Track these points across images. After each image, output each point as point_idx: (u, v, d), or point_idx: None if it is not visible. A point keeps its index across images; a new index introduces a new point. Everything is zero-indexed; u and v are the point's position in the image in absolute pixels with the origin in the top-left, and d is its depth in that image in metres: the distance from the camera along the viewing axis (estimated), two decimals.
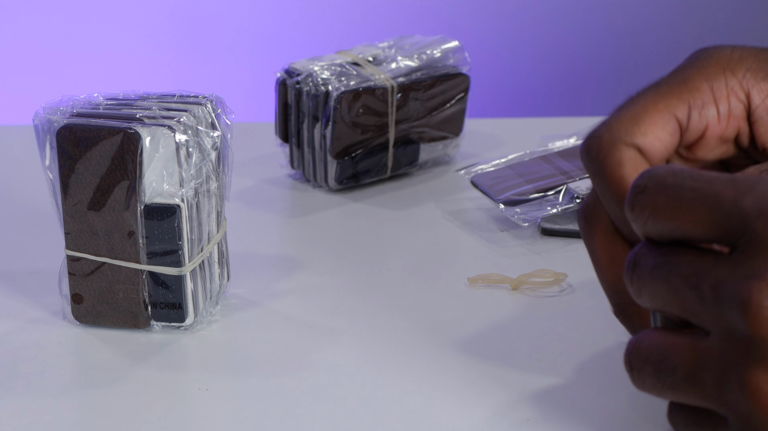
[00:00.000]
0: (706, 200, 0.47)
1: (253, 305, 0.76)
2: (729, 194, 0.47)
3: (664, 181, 0.48)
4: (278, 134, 0.97)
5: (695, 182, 0.48)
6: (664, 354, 0.49)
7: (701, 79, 0.56)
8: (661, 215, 0.48)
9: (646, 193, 0.49)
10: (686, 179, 0.48)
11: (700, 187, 0.47)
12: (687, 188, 0.47)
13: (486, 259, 0.82)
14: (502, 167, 0.92)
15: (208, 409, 0.65)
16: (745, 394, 0.46)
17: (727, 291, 0.46)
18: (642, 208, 0.49)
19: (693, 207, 0.47)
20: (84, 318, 0.72)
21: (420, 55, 0.96)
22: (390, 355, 0.69)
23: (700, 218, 0.47)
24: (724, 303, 0.46)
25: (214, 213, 0.73)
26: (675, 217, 0.48)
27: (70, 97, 0.72)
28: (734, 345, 0.46)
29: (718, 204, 0.47)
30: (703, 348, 0.48)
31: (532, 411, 0.63)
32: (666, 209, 0.48)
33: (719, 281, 0.47)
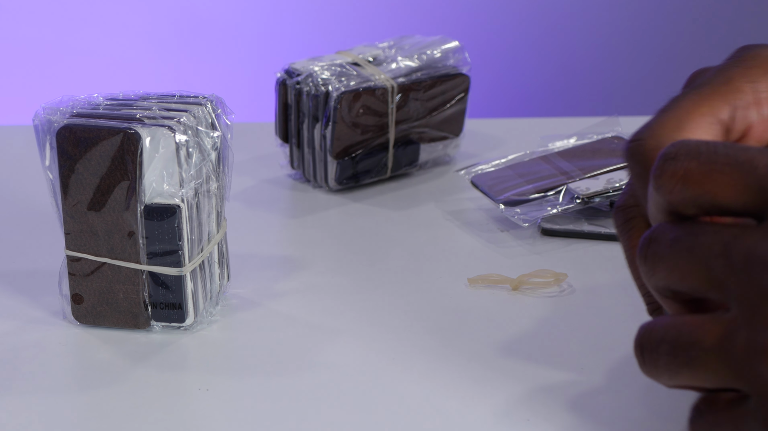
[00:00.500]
0: (741, 165, 0.46)
1: (253, 306, 0.76)
2: (764, 161, 0.46)
3: (697, 148, 0.47)
4: (278, 134, 0.97)
5: (729, 149, 0.47)
6: (682, 330, 0.48)
7: (744, 80, 0.55)
8: (692, 179, 0.47)
9: (677, 159, 0.48)
10: (719, 146, 0.47)
11: (734, 153, 0.46)
12: (721, 154, 0.47)
13: (486, 259, 0.82)
14: (502, 168, 0.92)
15: (208, 409, 0.65)
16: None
17: (758, 257, 0.45)
18: (672, 174, 0.48)
19: (726, 172, 0.46)
20: (84, 318, 0.72)
21: (420, 55, 0.96)
22: (390, 355, 0.69)
23: (733, 182, 0.46)
24: (757, 268, 0.45)
25: (214, 213, 0.73)
26: (706, 182, 0.47)
27: (70, 98, 0.72)
28: (765, 310, 0.45)
29: (752, 170, 0.46)
30: (728, 319, 0.47)
31: (532, 411, 0.63)
32: (698, 173, 0.47)
33: (752, 247, 0.45)
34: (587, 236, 0.85)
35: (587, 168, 0.89)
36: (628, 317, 0.71)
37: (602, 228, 0.85)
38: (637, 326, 0.53)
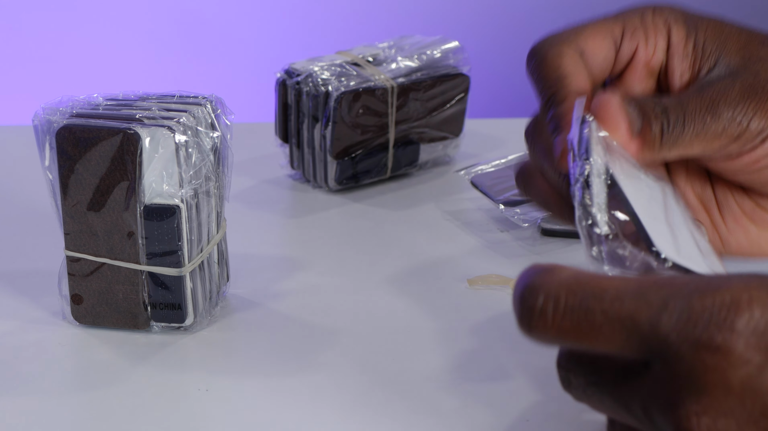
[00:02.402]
0: (621, 322, 0.46)
1: (252, 306, 0.76)
2: (644, 316, 0.45)
3: (565, 302, 0.46)
4: (278, 135, 0.97)
5: (602, 302, 0.46)
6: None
7: (633, 12, 0.60)
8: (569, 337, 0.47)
9: (544, 316, 0.47)
10: (590, 300, 0.46)
11: (610, 308, 0.46)
12: (596, 311, 0.46)
13: (486, 259, 0.82)
14: (502, 168, 0.92)
15: (207, 409, 0.65)
16: None
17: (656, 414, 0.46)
18: (544, 331, 0.47)
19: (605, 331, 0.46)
20: (84, 319, 0.72)
21: (420, 55, 0.96)
22: (390, 356, 0.69)
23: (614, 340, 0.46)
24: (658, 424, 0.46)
25: (213, 214, 0.73)
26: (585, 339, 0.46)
27: (69, 98, 0.72)
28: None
29: (634, 327, 0.45)
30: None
31: (532, 411, 0.63)
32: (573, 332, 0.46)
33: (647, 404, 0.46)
34: None
35: None
36: None
37: None
38: None
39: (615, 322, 0.46)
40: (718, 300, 0.44)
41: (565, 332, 0.47)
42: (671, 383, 0.45)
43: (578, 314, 0.46)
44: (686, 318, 0.45)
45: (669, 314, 0.45)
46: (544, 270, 0.48)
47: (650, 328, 0.45)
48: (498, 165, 0.93)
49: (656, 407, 0.46)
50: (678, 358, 0.45)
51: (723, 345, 0.44)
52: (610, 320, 0.46)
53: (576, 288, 0.47)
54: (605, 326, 0.46)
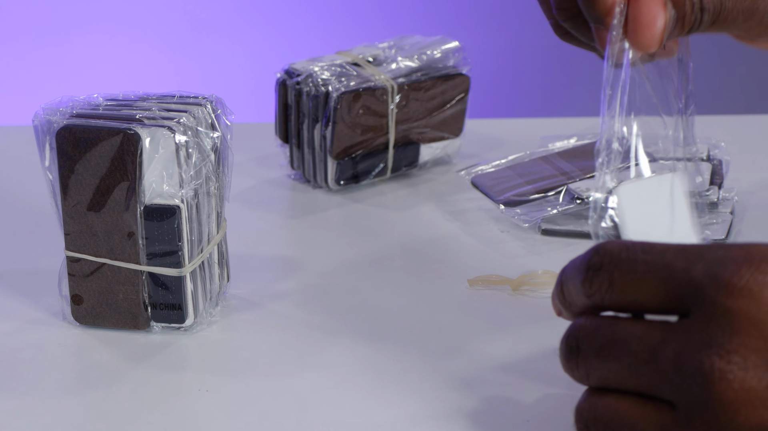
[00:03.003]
0: (659, 271, 0.49)
1: (252, 306, 0.76)
2: (680, 264, 0.49)
3: (619, 256, 0.50)
4: (278, 135, 0.97)
5: (647, 254, 0.50)
6: (626, 415, 0.50)
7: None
8: (617, 288, 0.51)
9: (602, 269, 0.51)
10: (638, 253, 0.50)
11: (652, 259, 0.50)
12: (640, 262, 0.50)
13: (486, 260, 0.82)
14: (502, 168, 0.92)
15: (207, 410, 0.65)
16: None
17: (687, 361, 0.47)
18: (599, 284, 0.51)
19: (647, 279, 0.50)
20: (84, 319, 0.72)
21: (420, 55, 0.96)
22: (390, 356, 0.69)
23: (654, 289, 0.49)
24: (686, 373, 0.47)
25: (213, 214, 0.73)
26: (630, 290, 0.50)
27: (69, 98, 0.72)
28: (701, 413, 0.47)
29: (671, 274, 0.49)
30: (669, 415, 0.48)
31: (532, 411, 0.63)
32: (621, 282, 0.50)
33: (678, 352, 0.48)
34: (587, 236, 0.85)
35: (587, 168, 0.89)
36: None
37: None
38: None
39: (654, 271, 0.49)
40: (752, 250, 0.47)
41: (616, 282, 0.50)
42: (704, 328, 0.47)
43: (626, 265, 0.50)
44: (719, 263, 0.47)
45: (704, 262, 0.48)
46: (608, 241, 0.52)
47: (685, 274, 0.48)
48: (498, 165, 0.93)
49: (687, 352, 0.47)
50: (710, 302, 0.47)
51: (754, 287, 0.46)
52: (650, 269, 0.49)
53: (630, 245, 0.51)
54: (647, 275, 0.49)
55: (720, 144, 0.92)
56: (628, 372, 0.49)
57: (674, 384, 0.48)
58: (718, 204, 0.85)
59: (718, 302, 0.47)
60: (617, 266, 0.50)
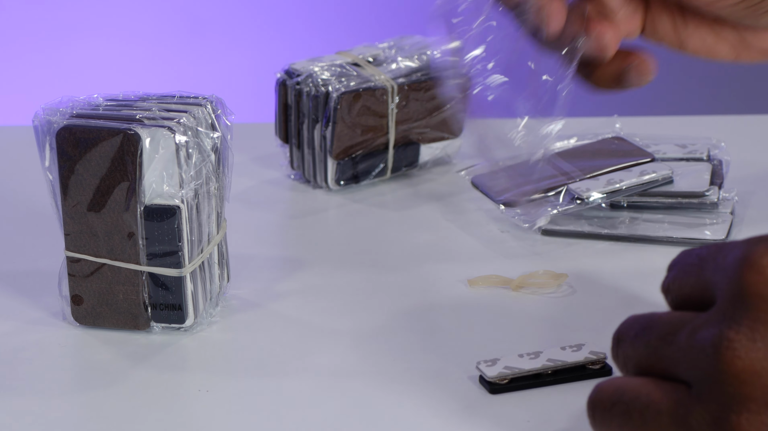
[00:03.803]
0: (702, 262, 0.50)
1: (253, 307, 0.76)
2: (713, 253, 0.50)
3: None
4: (278, 135, 0.97)
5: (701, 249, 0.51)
6: (639, 392, 0.50)
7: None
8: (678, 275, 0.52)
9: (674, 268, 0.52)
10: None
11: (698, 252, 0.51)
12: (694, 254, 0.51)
13: (486, 260, 0.82)
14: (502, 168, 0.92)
15: (208, 410, 0.65)
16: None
17: (700, 336, 0.48)
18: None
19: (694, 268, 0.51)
20: (84, 319, 0.72)
21: (420, 55, 0.96)
22: (390, 356, 0.69)
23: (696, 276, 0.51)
24: (698, 348, 0.47)
25: (214, 214, 0.73)
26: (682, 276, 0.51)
27: (69, 98, 0.72)
28: (710, 386, 0.47)
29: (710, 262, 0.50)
30: (684, 392, 0.49)
31: (532, 412, 0.63)
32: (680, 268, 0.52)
33: (694, 329, 0.48)
34: (587, 236, 0.85)
35: (587, 169, 0.89)
36: None
37: (602, 229, 0.85)
38: None
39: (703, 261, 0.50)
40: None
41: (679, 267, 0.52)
42: (720, 307, 0.48)
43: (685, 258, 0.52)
44: (737, 246, 0.48)
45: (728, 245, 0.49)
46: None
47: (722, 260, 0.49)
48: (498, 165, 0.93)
49: (703, 328, 0.48)
50: (730, 281, 0.48)
51: (762, 262, 0.47)
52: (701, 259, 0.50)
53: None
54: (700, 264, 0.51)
55: (720, 144, 0.92)
56: (654, 354, 0.50)
57: (688, 360, 0.48)
58: (718, 204, 0.85)
59: (733, 280, 0.47)
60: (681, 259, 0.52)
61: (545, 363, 0.65)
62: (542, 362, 0.66)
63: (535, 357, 0.66)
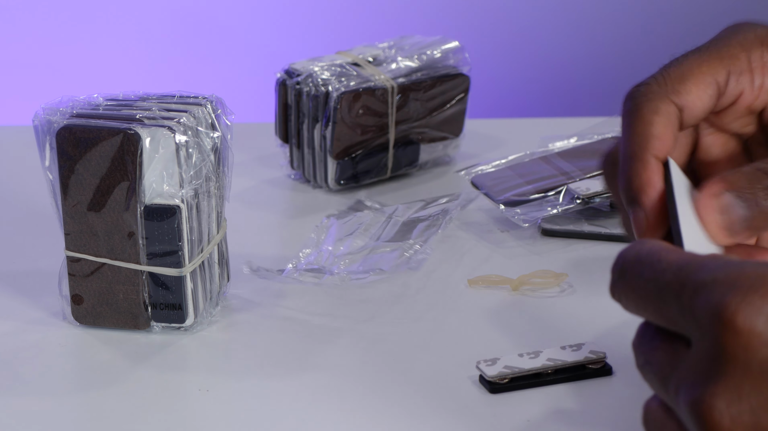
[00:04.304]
0: (656, 294, 0.47)
1: (253, 306, 0.76)
2: (673, 288, 0.46)
3: (631, 270, 0.49)
4: (278, 135, 0.97)
5: (653, 270, 0.48)
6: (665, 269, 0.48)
7: (740, 48, 0.57)
8: (631, 301, 0.49)
9: (618, 281, 0.49)
10: (645, 268, 0.48)
11: (653, 278, 0.47)
12: (643, 279, 0.48)
13: (486, 260, 0.82)
14: (502, 168, 0.92)
15: (208, 410, 0.65)
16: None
17: (683, 397, 0.46)
18: (618, 295, 0.50)
19: (648, 301, 0.48)
20: (84, 319, 0.72)
21: (420, 55, 0.96)
22: (390, 356, 0.69)
23: (654, 311, 0.48)
24: (681, 407, 0.46)
25: (214, 214, 0.73)
26: (638, 308, 0.49)
27: (69, 98, 0.72)
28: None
29: (664, 300, 0.47)
30: None
31: (532, 412, 0.63)
32: (629, 299, 0.49)
33: (679, 384, 0.46)
34: (587, 237, 0.85)
35: (587, 168, 0.89)
36: (629, 318, 0.71)
37: (602, 228, 0.85)
38: (637, 326, 0.53)
39: (653, 294, 0.47)
40: (741, 277, 0.44)
41: (629, 298, 0.49)
42: (700, 362, 0.45)
43: (633, 282, 0.48)
44: (706, 289, 0.45)
45: (693, 286, 0.45)
46: (637, 242, 0.50)
47: (675, 301, 0.46)
48: (498, 165, 0.93)
49: (685, 389, 0.46)
50: (702, 333, 0.45)
51: (744, 323, 0.43)
52: (648, 293, 0.48)
53: (644, 255, 0.49)
54: (646, 297, 0.48)
55: None
56: (655, 388, 0.48)
57: (678, 411, 0.47)
58: None
59: (716, 339, 0.44)
60: (629, 282, 0.49)
61: (545, 363, 0.65)
62: (542, 361, 0.66)
63: (535, 357, 0.66)
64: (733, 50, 0.57)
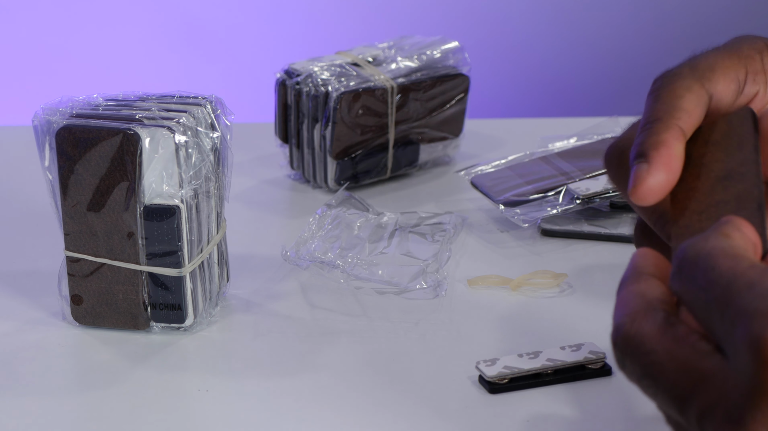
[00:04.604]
0: (707, 306, 0.45)
1: (252, 306, 0.76)
2: (721, 307, 0.44)
3: (696, 262, 0.46)
4: (278, 135, 0.97)
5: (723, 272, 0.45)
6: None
7: (754, 51, 0.57)
8: (683, 302, 0.47)
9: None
10: (699, 274, 0.45)
11: (705, 287, 0.45)
12: (716, 274, 0.45)
13: (486, 260, 0.82)
14: (502, 168, 0.92)
15: (207, 410, 0.65)
16: None
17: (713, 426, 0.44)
18: (676, 291, 0.47)
19: (697, 308, 0.46)
20: (83, 319, 0.72)
21: (420, 55, 0.96)
22: (390, 356, 0.69)
23: (703, 321, 0.45)
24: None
25: (213, 214, 0.73)
26: (689, 308, 0.46)
27: (69, 98, 0.72)
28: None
29: (719, 317, 0.44)
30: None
31: (531, 412, 0.63)
32: (684, 299, 0.47)
33: (704, 414, 0.44)
34: (587, 237, 0.85)
35: (587, 169, 0.89)
36: None
37: (602, 229, 0.85)
38: None
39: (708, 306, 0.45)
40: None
41: (684, 299, 0.46)
42: (735, 389, 0.44)
43: (689, 287, 0.46)
44: (752, 320, 0.43)
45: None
46: (700, 239, 0.47)
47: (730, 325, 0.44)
48: (498, 165, 0.93)
49: (712, 419, 0.44)
50: (740, 360, 0.43)
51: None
52: (706, 302, 0.45)
53: (700, 262, 0.46)
54: (704, 306, 0.45)
55: None
56: (665, 409, 0.47)
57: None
58: None
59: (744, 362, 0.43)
60: (681, 283, 0.46)
61: (545, 363, 0.65)
62: (542, 362, 0.66)
63: (535, 357, 0.66)
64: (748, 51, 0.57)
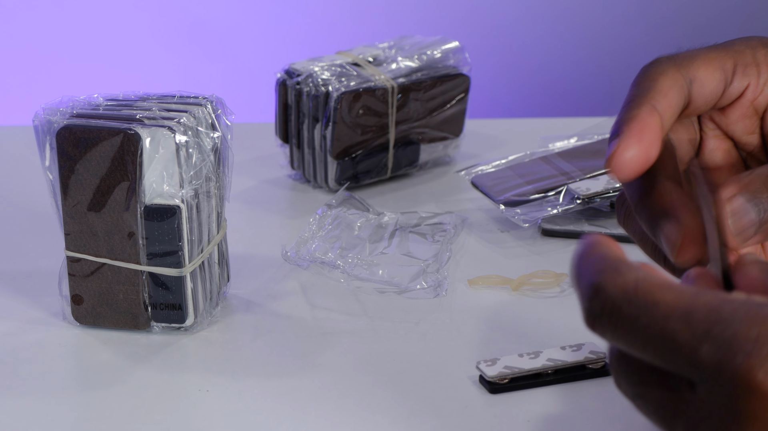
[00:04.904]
0: (662, 341, 0.45)
1: (252, 306, 0.76)
2: (685, 338, 0.44)
3: (620, 311, 0.46)
4: (278, 135, 0.97)
5: (650, 317, 0.45)
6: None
7: (744, 46, 0.58)
8: (621, 341, 0.46)
9: (603, 316, 0.46)
10: (641, 311, 0.45)
11: (656, 326, 0.45)
12: (642, 325, 0.45)
13: (486, 260, 0.82)
14: (502, 168, 0.92)
15: (208, 410, 0.65)
16: None
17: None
18: (602, 330, 0.47)
19: (650, 345, 0.45)
20: (84, 319, 0.72)
21: (420, 55, 0.96)
22: (390, 356, 0.69)
23: (658, 356, 0.45)
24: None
25: (214, 214, 0.73)
26: (636, 349, 0.46)
27: (70, 98, 0.72)
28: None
29: (674, 349, 0.44)
30: None
31: (531, 412, 0.63)
32: (624, 337, 0.46)
33: (690, 425, 0.45)
34: None
35: (587, 169, 0.89)
36: None
37: (602, 229, 0.85)
38: None
39: (657, 340, 0.45)
40: (764, 332, 0.42)
41: (618, 335, 0.46)
42: (713, 414, 0.44)
43: (629, 325, 0.46)
44: (727, 348, 0.43)
45: (711, 342, 0.43)
46: (611, 269, 0.47)
47: (689, 354, 0.44)
48: (498, 165, 0.93)
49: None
50: (718, 388, 0.43)
51: (763, 383, 0.42)
52: (652, 337, 0.45)
53: (632, 296, 0.46)
54: (650, 341, 0.45)
55: None
56: (658, 426, 0.47)
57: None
58: None
59: (726, 390, 0.43)
60: (618, 322, 0.46)
61: (545, 363, 0.65)
62: (542, 362, 0.66)
63: (535, 357, 0.66)
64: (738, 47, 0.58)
